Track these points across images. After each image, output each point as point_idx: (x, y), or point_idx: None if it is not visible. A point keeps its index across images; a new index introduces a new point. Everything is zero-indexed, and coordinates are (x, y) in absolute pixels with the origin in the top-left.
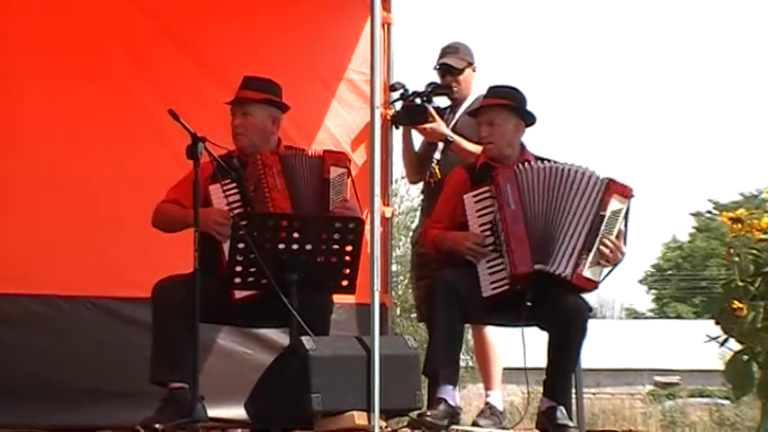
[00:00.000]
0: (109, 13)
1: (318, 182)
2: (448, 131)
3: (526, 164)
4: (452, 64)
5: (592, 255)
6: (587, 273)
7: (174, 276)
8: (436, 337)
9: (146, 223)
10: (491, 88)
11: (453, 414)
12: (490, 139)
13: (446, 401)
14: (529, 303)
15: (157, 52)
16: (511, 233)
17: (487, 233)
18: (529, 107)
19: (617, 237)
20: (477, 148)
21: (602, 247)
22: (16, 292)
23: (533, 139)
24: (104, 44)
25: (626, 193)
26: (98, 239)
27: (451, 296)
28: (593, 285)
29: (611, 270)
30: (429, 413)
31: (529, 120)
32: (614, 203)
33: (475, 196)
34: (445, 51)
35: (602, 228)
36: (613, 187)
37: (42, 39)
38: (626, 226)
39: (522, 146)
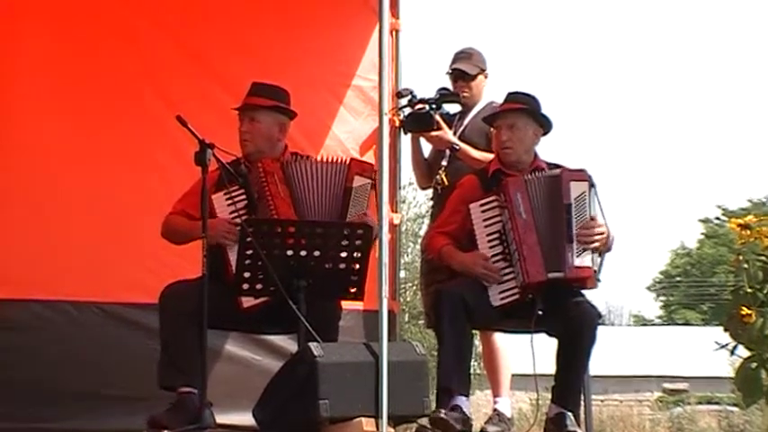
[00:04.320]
0: (115, 21)
1: (338, 189)
2: (454, 139)
3: (534, 173)
4: (465, 70)
5: (575, 244)
6: (577, 262)
7: (182, 282)
8: (446, 353)
9: (153, 228)
10: (510, 94)
11: (466, 422)
12: (510, 144)
13: (461, 409)
14: (540, 312)
15: (166, 59)
16: (523, 242)
17: (495, 242)
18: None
19: (591, 219)
20: (483, 156)
21: (580, 233)
22: (25, 298)
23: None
24: (111, 51)
25: (583, 177)
26: (106, 245)
27: (458, 309)
28: (589, 273)
29: (604, 254)
30: (444, 412)
31: (547, 128)
32: (575, 189)
33: (482, 206)
34: (458, 56)
35: (573, 215)
36: (568, 175)
37: (48, 45)
38: (599, 205)
39: (535, 153)
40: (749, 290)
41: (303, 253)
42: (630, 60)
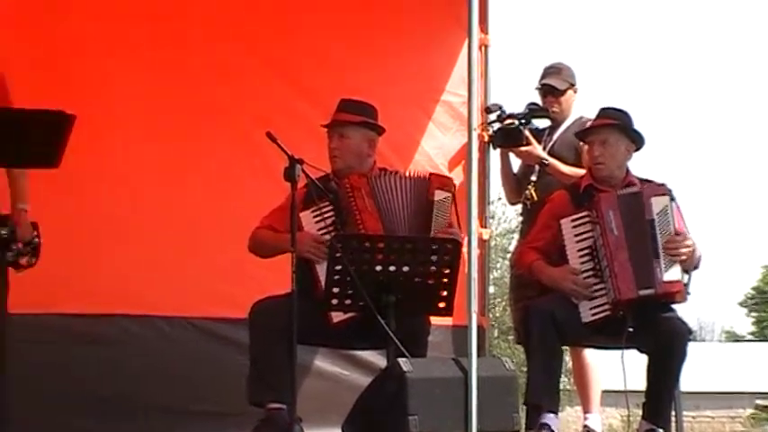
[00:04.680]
0: (205, 40)
1: (421, 203)
2: (543, 154)
3: (626, 190)
4: (555, 85)
5: (662, 260)
6: (666, 277)
7: (271, 298)
8: (535, 369)
9: (242, 244)
10: (602, 109)
11: None
12: (602, 159)
13: (549, 427)
14: (631, 329)
15: (255, 76)
16: (615, 259)
17: (586, 258)
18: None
19: (676, 234)
20: (573, 171)
21: (666, 247)
22: (116, 313)
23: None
24: (202, 69)
25: (663, 191)
26: (196, 260)
27: (548, 325)
28: (678, 287)
29: (691, 271)
30: None
31: (639, 144)
32: (657, 204)
33: (573, 221)
34: (548, 72)
35: (657, 230)
36: (648, 191)
37: (138, 61)
38: (682, 219)
39: (627, 169)
40: None
41: (392, 268)
42: (720, 71)
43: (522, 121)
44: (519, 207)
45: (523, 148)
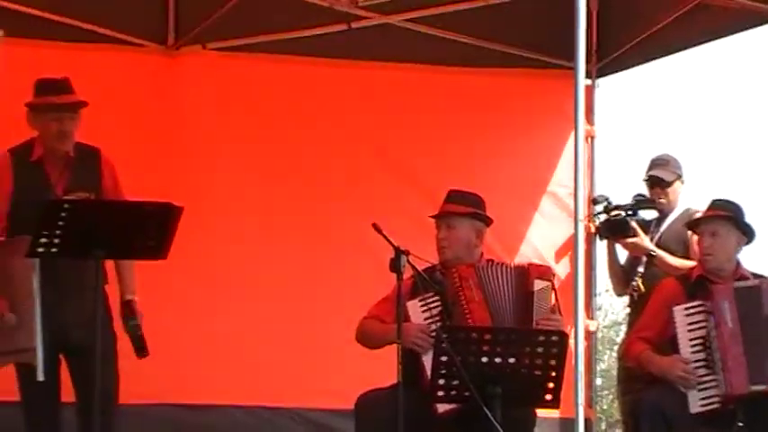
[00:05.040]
0: (317, 129)
1: (522, 294)
2: (651, 246)
3: (743, 283)
4: (662, 176)
5: None
6: None
7: (377, 390)
8: None
9: (348, 334)
10: (714, 201)
11: None
12: (711, 250)
13: None
14: (741, 424)
15: (363, 166)
16: (728, 351)
17: (698, 348)
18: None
19: None
20: (681, 263)
21: None
22: (224, 404)
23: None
24: (313, 158)
25: None
26: (301, 351)
27: (657, 421)
28: None
29: None
30: None
31: (750, 237)
32: None
33: (686, 309)
34: (655, 163)
35: None
36: (767, 285)
37: (246, 154)
38: None
39: (738, 262)
40: None
41: (498, 360)
42: None
43: (629, 212)
44: (626, 298)
45: (630, 240)
